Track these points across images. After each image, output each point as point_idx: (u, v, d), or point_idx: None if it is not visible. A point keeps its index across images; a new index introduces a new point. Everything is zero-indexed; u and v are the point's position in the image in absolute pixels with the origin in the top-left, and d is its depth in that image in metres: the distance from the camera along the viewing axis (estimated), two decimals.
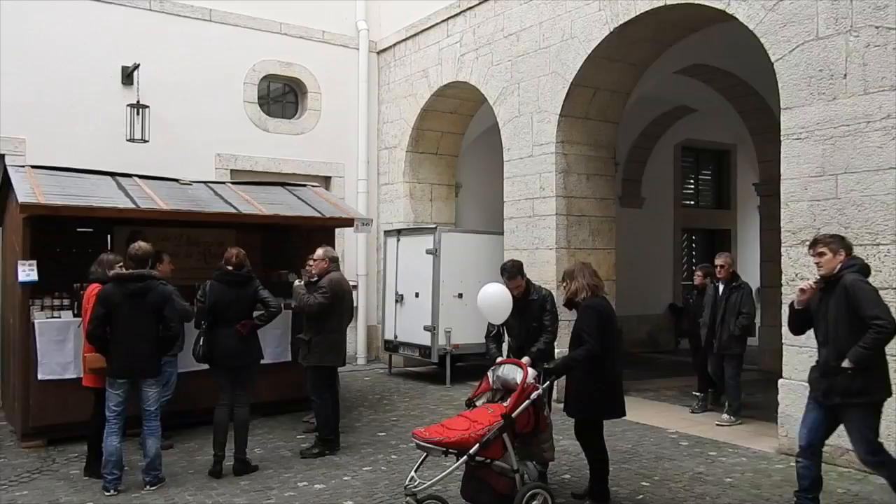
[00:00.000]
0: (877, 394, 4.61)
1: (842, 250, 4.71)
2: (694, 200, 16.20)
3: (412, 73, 11.81)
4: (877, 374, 4.59)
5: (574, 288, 5.30)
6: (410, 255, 10.86)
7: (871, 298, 4.51)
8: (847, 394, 4.55)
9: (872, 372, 4.55)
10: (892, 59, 5.79)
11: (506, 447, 4.78)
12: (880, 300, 4.56)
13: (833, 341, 4.64)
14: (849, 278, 4.58)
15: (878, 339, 4.46)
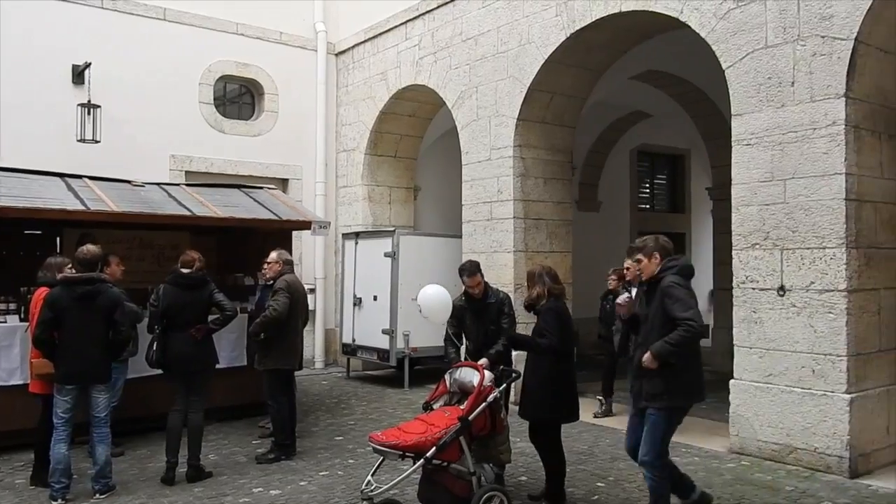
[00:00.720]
0: (677, 399, 4.51)
1: (656, 253, 4.67)
2: (649, 204, 16.47)
3: (371, 75, 11.78)
4: (682, 379, 4.49)
5: (536, 293, 5.32)
6: (369, 258, 10.82)
7: (683, 301, 4.42)
8: (649, 396, 4.51)
9: (676, 376, 4.46)
10: (837, 67, 5.97)
11: (463, 450, 4.79)
12: (693, 303, 4.45)
13: (644, 343, 4.60)
14: (665, 281, 4.54)
15: (686, 338, 4.35)
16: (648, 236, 4.91)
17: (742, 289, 6.66)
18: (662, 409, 4.50)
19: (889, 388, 6.30)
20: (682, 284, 4.51)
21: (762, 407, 6.44)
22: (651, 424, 4.54)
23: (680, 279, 4.54)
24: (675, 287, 4.48)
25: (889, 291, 6.35)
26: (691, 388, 4.56)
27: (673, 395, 4.49)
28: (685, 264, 4.70)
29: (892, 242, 6.40)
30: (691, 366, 4.55)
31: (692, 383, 4.57)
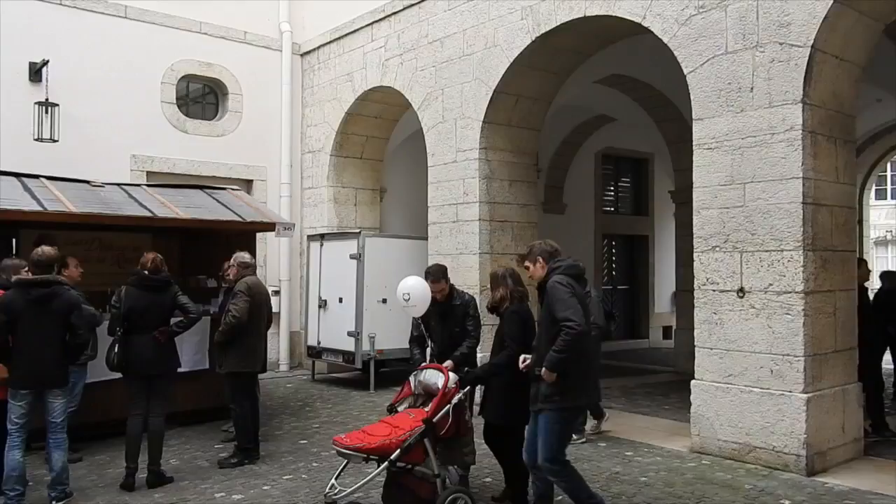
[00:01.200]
0: (568, 399, 4.53)
1: (539, 257, 4.75)
2: (614, 207, 16.65)
3: (336, 76, 11.72)
4: (574, 380, 4.50)
5: (499, 295, 5.33)
6: (334, 259, 10.76)
7: (563, 301, 4.44)
8: (542, 398, 4.56)
9: (568, 377, 4.47)
10: (795, 74, 6.10)
11: (427, 452, 4.79)
12: (573, 303, 4.45)
13: (537, 347, 4.67)
14: (550, 282, 4.58)
15: (567, 341, 4.37)
16: (534, 242, 5.02)
17: (703, 290, 6.77)
18: (556, 409, 4.54)
19: (844, 387, 6.45)
20: (565, 284, 4.54)
21: (722, 407, 6.54)
22: (546, 425, 4.58)
23: (564, 279, 4.58)
24: (556, 287, 4.53)
25: (844, 293, 6.51)
26: (583, 388, 4.57)
27: (565, 396, 4.52)
28: (569, 264, 4.72)
29: (846, 245, 6.56)
30: (582, 366, 4.55)
31: (584, 383, 4.58)
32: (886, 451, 6.86)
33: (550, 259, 4.75)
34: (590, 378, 4.64)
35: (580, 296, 4.59)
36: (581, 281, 4.73)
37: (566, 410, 4.58)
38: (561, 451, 4.62)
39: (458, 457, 5.22)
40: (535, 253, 4.81)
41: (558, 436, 4.59)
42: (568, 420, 4.62)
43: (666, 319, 16.29)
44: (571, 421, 4.64)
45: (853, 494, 5.57)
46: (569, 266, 4.70)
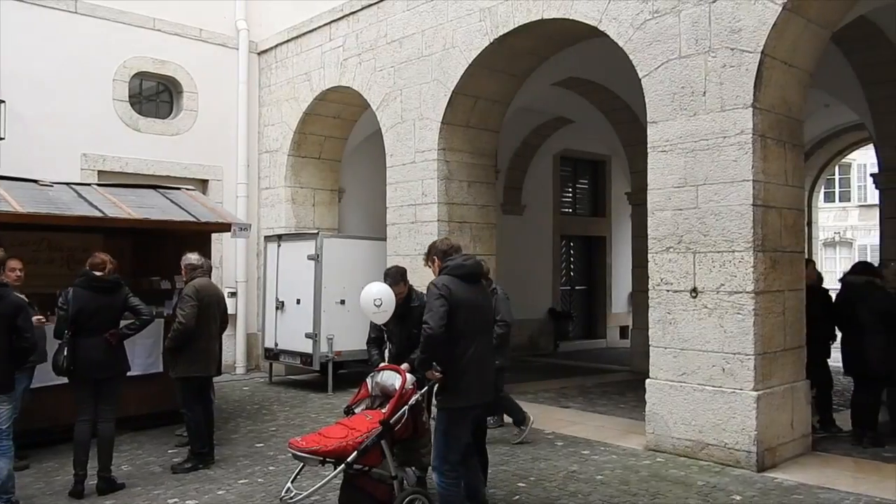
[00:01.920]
0: (452, 400, 4.56)
1: (434, 257, 4.82)
2: (572, 208, 16.82)
3: (294, 75, 11.61)
4: (458, 381, 4.54)
5: None
6: (292, 260, 10.65)
7: (428, 303, 4.52)
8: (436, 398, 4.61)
9: (452, 378, 4.53)
10: (745, 79, 6.24)
11: (384, 454, 4.77)
12: (436, 304, 4.46)
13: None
14: (430, 283, 4.65)
15: (423, 343, 4.48)
16: (435, 240, 5.13)
17: (657, 291, 6.88)
18: (442, 410, 4.59)
19: (793, 384, 6.62)
20: (439, 286, 4.54)
21: (676, 405, 6.66)
22: (435, 428, 4.65)
23: (441, 280, 4.59)
24: (429, 289, 4.58)
25: (792, 293, 6.68)
26: (468, 389, 4.57)
27: (447, 397, 4.57)
28: (456, 264, 4.70)
29: (794, 246, 6.73)
30: (465, 367, 4.55)
31: (469, 384, 4.57)
32: (833, 447, 7.05)
33: (444, 258, 4.78)
34: (473, 378, 4.60)
35: (461, 297, 4.55)
36: (472, 280, 4.71)
37: (449, 411, 4.59)
38: (450, 453, 4.61)
39: (415, 458, 5.20)
40: (432, 253, 4.87)
41: (443, 436, 4.61)
42: (453, 420, 4.60)
43: (623, 319, 16.52)
44: (457, 422, 4.61)
45: (801, 489, 5.72)
46: (455, 266, 4.68)
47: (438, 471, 4.65)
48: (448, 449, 4.63)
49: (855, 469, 6.34)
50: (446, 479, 4.63)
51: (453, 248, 4.85)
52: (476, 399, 4.65)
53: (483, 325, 4.77)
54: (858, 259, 28.52)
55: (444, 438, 4.64)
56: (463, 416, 4.65)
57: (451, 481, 4.64)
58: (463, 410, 4.62)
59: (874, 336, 7.10)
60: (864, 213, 30.60)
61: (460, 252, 4.90)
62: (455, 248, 4.86)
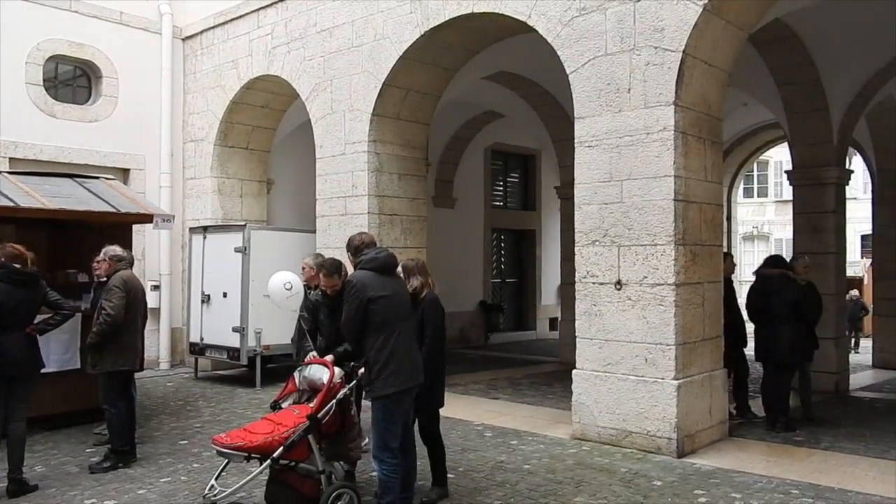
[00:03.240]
0: (379, 388, 4.60)
1: (353, 251, 4.99)
2: (503, 202, 16.99)
3: (221, 63, 11.31)
4: (376, 370, 4.60)
5: (418, 283, 5.29)
6: (218, 253, 10.40)
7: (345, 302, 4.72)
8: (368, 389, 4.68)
9: (373, 367, 4.60)
10: (668, 77, 6.42)
11: (311, 448, 4.73)
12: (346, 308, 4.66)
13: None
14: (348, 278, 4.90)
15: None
16: (353, 234, 5.21)
17: (584, 283, 7.02)
18: (375, 399, 4.61)
19: (711, 373, 6.87)
20: (353, 281, 4.68)
21: (601, 394, 6.82)
22: (372, 417, 4.68)
23: (359, 274, 4.72)
24: (346, 284, 4.80)
25: (711, 285, 6.92)
26: (396, 374, 4.61)
27: (378, 385, 4.57)
28: (369, 258, 4.79)
29: (713, 240, 6.98)
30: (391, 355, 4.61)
31: (397, 370, 4.61)
32: (748, 432, 7.37)
33: (357, 254, 4.86)
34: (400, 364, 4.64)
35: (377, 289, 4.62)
36: (386, 271, 4.79)
37: (382, 399, 4.62)
38: (387, 440, 4.64)
39: (343, 452, 5.19)
40: (348, 249, 4.98)
41: (380, 426, 4.64)
42: (387, 408, 4.63)
43: (552, 311, 16.82)
44: (391, 409, 4.64)
45: (718, 473, 5.94)
46: (368, 260, 4.77)
47: (378, 459, 4.65)
48: (386, 436, 4.64)
49: (768, 453, 6.63)
50: (386, 467, 4.64)
51: (365, 243, 4.93)
52: (405, 384, 4.67)
53: (403, 313, 4.83)
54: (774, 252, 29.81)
55: (381, 426, 4.64)
56: (397, 403, 4.67)
57: (392, 468, 4.65)
58: (394, 397, 4.64)
59: (786, 325, 7.46)
60: (781, 208, 31.95)
61: (373, 246, 4.95)
62: (366, 243, 4.94)
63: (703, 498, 5.35)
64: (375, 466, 4.72)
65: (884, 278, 13.05)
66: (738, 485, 5.65)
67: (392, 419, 4.66)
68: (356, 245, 4.95)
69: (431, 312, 5.23)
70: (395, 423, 4.69)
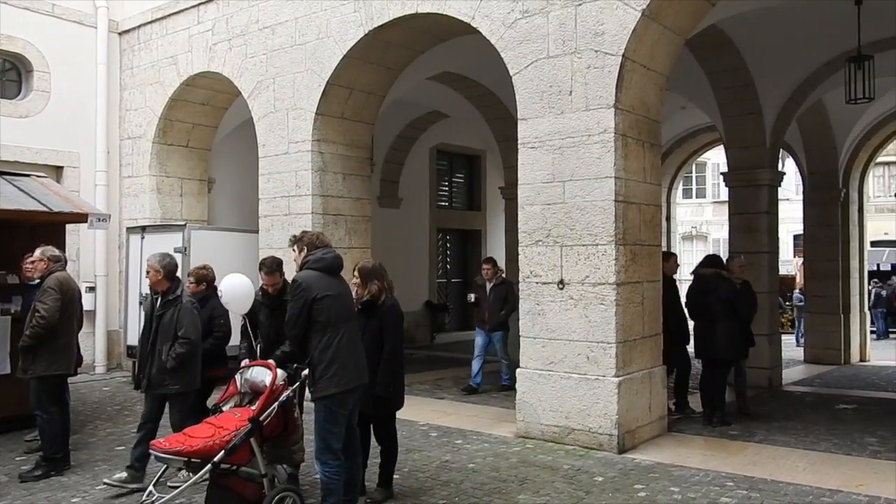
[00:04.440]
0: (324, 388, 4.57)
1: (304, 246, 4.87)
2: (448, 202, 17.04)
3: (159, 58, 11.04)
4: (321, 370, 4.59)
5: (376, 288, 5.23)
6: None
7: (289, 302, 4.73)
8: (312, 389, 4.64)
9: (316, 368, 4.58)
10: (608, 80, 6.54)
11: (253, 452, 4.66)
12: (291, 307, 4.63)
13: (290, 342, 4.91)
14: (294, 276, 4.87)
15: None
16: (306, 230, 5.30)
17: (527, 283, 7.09)
18: (318, 400, 4.61)
19: (651, 370, 7.03)
20: (299, 280, 4.67)
21: (545, 393, 6.90)
22: (315, 419, 4.68)
23: (305, 274, 4.69)
24: (290, 285, 4.79)
25: (650, 284, 7.09)
26: (340, 374, 4.59)
27: (322, 386, 4.56)
28: (315, 258, 4.77)
29: (652, 240, 7.14)
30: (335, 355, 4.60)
31: (341, 370, 4.60)
32: (687, 427, 7.57)
33: (309, 251, 4.82)
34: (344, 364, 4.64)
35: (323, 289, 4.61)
36: (332, 272, 4.79)
37: (325, 400, 4.60)
38: (330, 442, 4.63)
39: (286, 455, 5.13)
40: (304, 241, 4.90)
41: (322, 427, 4.63)
42: (330, 409, 4.61)
43: None
44: (335, 410, 4.63)
45: (657, 468, 6.09)
46: (315, 260, 4.75)
47: (321, 461, 4.63)
48: (328, 438, 4.62)
49: (705, 447, 6.83)
50: (329, 469, 4.61)
51: (315, 244, 4.86)
52: (348, 384, 4.66)
53: (349, 313, 4.83)
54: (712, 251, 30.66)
55: (324, 428, 4.62)
56: (340, 404, 4.65)
57: (335, 470, 4.64)
58: (337, 397, 4.62)
59: (721, 323, 7.69)
60: (718, 208, 32.85)
61: (326, 248, 4.90)
62: (318, 245, 4.86)
63: (642, 492, 5.47)
64: (318, 468, 4.70)
65: (814, 277, 13.58)
66: (676, 478, 5.80)
67: (335, 420, 4.64)
68: (312, 242, 4.87)
69: (391, 319, 5.22)
70: (338, 424, 4.67)
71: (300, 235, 4.97)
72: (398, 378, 5.28)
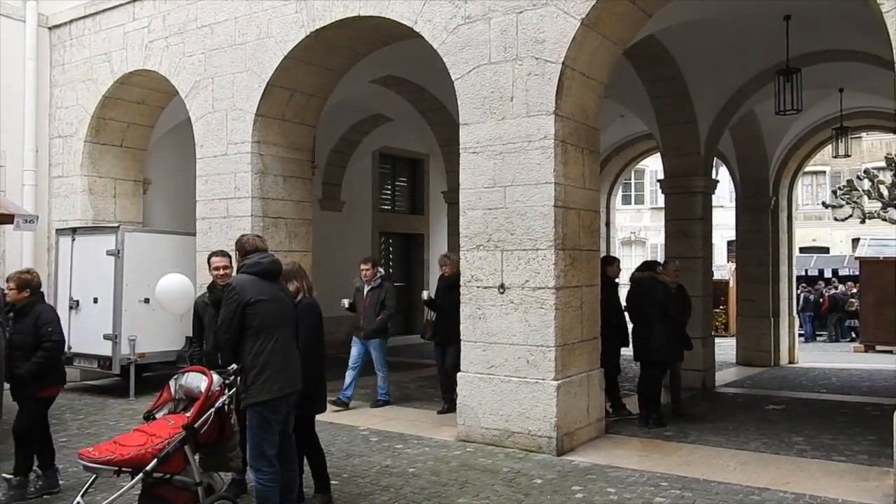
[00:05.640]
0: (259, 394, 4.53)
1: (236, 252, 4.92)
2: (391, 205, 16.99)
3: (92, 55, 10.69)
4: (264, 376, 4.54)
5: (294, 287, 5.21)
6: (88, 256, 9.83)
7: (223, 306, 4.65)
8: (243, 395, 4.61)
9: (258, 374, 4.55)
10: (548, 87, 6.64)
11: (188, 460, 4.54)
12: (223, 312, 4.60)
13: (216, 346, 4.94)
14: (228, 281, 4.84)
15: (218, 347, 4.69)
16: (243, 234, 5.16)
17: (468, 287, 7.13)
18: (251, 406, 4.56)
19: (589, 373, 7.15)
20: (233, 283, 4.66)
21: (485, 396, 6.94)
22: (248, 426, 4.63)
23: (240, 278, 4.68)
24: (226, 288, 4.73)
25: (589, 288, 7.20)
26: (273, 380, 4.58)
27: (251, 394, 4.54)
28: (251, 262, 4.75)
29: (591, 245, 7.27)
30: (268, 360, 4.58)
31: (274, 376, 4.58)
32: (624, 429, 7.72)
33: (244, 256, 4.80)
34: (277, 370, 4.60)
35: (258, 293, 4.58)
36: (268, 277, 4.76)
37: (258, 406, 4.56)
38: (264, 449, 4.58)
39: (223, 462, 4.97)
40: (235, 247, 4.90)
41: (256, 434, 4.58)
42: (263, 415, 4.57)
43: None
44: (268, 416, 4.58)
45: (594, 469, 6.19)
46: (251, 265, 4.72)
47: (255, 468, 4.56)
48: (262, 445, 4.56)
49: (641, 448, 6.97)
50: (263, 476, 4.55)
51: (251, 248, 4.82)
52: (281, 390, 4.60)
53: (284, 318, 4.77)
54: (651, 256, 31.43)
55: (257, 434, 4.55)
56: (273, 410, 4.59)
57: (269, 477, 4.57)
58: (270, 403, 4.56)
59: (657, 326, 7.87)
60: (656, 214, 33.71)
61: (262, 252, 4.86)
62: (255, 248, 4.82)
63: (580, 494, 5.55)
64: (252, 476, 4.62)
65: (746, 281, 14.04)
66: (612, 479, 5.90)
67: (268, 427, 4.58)
68: (246, 248, 4.83)
69: (306, 319, 5.17)
70: (271, 430, 4.60)
71: (237, 243, 4.94)
72: (314, 379, 5.14)
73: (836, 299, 22.38)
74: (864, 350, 17.88)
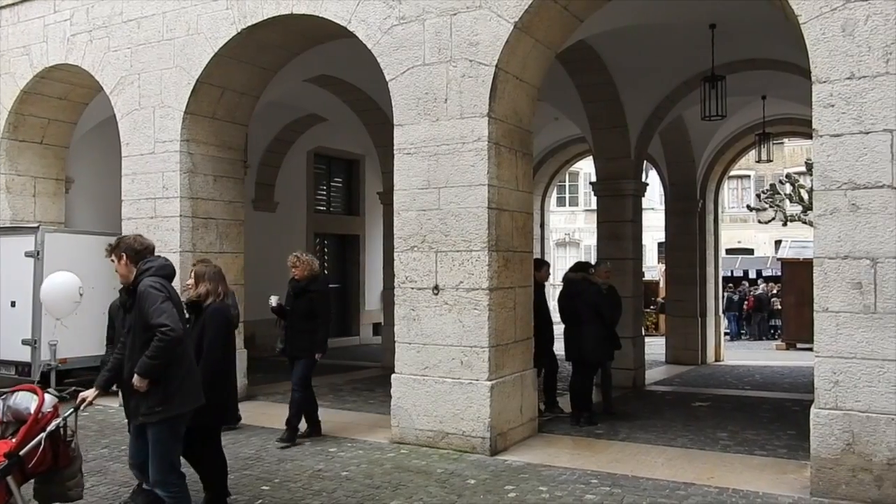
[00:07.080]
0: (174, 408, 4.34)
1: (125, 254, 4.50)
2: (326, 206, 16.82)
3: (10, 48, 10.22)
4: (175, 386, 4.34)
5: (205, 290, 5.09)
6: (5, 258, 9.40)
7: (156, 307, 4.22)
8: (145, 411, 4.30)
9: (169, 384, 4.31)
10: (482, 90, 6.68)
11: (11, 492, 4.08)
12: (167, 306, 4.26)
13: (130, 357, 4.40)
14: (141, 285, 4.34)
15: (161, 347, 4.17)
16: (125, 235, 4.90)
17: (403, 288, 7.10)
18: (160, 421, 4.32)
19: (522, 373, 7.21)
20: (158, 287, 4.33)
21: (419, 398, 6.93)
22: (154, 441, 4.37)
23: (157, 281, 4.37)
24: (149, 291, 4.28)
25: (522, 289, 7.27)
26: (188, 392, 4.43)
27: (169, 406, 4.32)
28: (160, 264, 4.51)
29: (524, 247, 7.34)
30: (182, 371, 4.40)
31: (188, 387, 4.43)
32: (556, 428, 7.83)
33: (138, 258, 4.49)
34: (191, 381, 4.47)
35: (175, 299, 4.45)
36: (171, 280, 4.58)
37: (170, 420, 4.36)
38: (175, 462, 4.47)
39: (59, 492, 4.47)
40: (122, 248, 4.50)
41: (168, 448, 4.40)
42: (173, 429, 4.41)
43: (376, 316, 16.87)
44: (177, 430, 4.44)
45: (527, 468, 6.24)
46: (160, 267, 4.48)
47: (162, 485, 4.36)
48: (173, 458, 4.42)
49: (573, 447, 7.08)
50: (174, 488, 4.40)
51: (147, 247, 4.59)
52: (194, 402, 4.47)
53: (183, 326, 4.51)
54: (584, 258, 32.00)
55: (167, 448, 4.38)
56: (181, 424, 4.44)
57: (179, 489, 4.44)
58: (182, 417, 4.42)
59: (589, 326, 8.01)
60: (590, 216, 34.27)
61: (153, 253, 4.65)
62: (150, 248, 4.62)
63: (512, 493, 5.59)
64: (161, 493, 4.39)
65: (675, 282, 14.44)
66: (544, 478, 5.97)
67: (177, 437, 4.43)
68: (138, 249, 4.51)
69: (211, 323, 5.04)
70: (179, 440, 4.46)
71: (119, 242, 4.57)
72: (218, 389, 4.96)
73: (760, 299, 23.26)
74: (786, 348, 18.65)
